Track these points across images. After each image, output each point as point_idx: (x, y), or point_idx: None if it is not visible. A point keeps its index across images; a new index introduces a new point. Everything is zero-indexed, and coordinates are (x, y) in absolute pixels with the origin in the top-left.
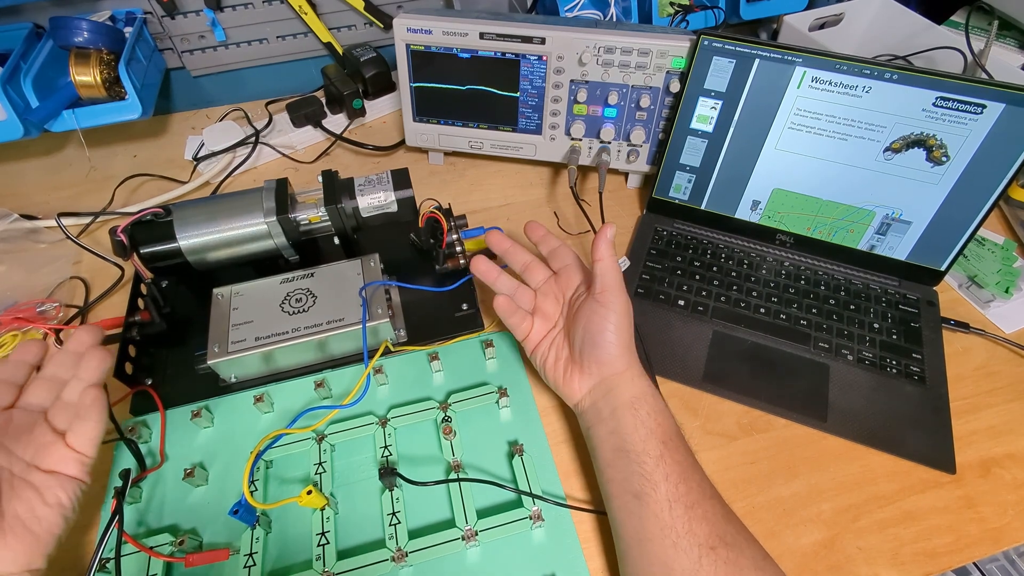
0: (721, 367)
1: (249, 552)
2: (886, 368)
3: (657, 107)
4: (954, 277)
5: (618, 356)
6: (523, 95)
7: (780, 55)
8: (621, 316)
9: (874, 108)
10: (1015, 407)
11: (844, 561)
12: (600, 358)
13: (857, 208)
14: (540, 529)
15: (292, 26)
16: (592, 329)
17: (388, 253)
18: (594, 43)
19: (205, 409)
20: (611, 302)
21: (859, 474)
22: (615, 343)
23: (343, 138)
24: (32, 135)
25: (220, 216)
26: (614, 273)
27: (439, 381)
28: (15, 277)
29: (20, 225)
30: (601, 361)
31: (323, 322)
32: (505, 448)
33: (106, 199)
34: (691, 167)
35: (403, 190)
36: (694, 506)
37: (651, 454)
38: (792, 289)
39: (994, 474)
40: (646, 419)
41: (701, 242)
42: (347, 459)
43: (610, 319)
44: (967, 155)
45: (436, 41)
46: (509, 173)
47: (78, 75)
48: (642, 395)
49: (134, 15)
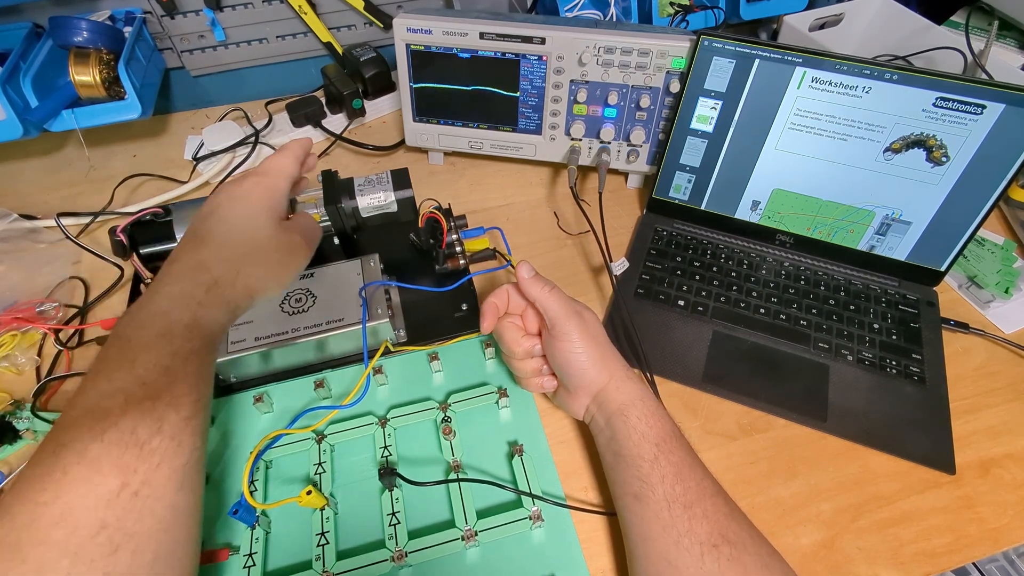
0: (721, 367)
1: (249, 552)
2: (886, 368)
3: (657, 107)
4: (954, 277)
5: (596, 374)
6: (523, 95)
7: (780, 55)
8: (583, 338)
9: (874, 108)
10: (1015, 407)
11: (844, 561)
12: (579, 383)
13: (857, 208)
14: (540, 529)
15: (292, 26)
16: (560, 360)
17: (388, 253)
18: (594, 43)
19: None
20: (566, 331)
21: (859, 474)
22: (587, 365)
23: (343, 138)
24: (31, 135)
25: None
26: (555, 304)
27: (439, 381)
28: (14, 277)
29: (20, 225)
30: (581, 384)
31: (323, 322)
32: (505, 448)
33: (105, 199)
34: (691, 167)
35: (403, 190)
36: (692, 505)
37: (645, 457)
38: (792, 289)
39: (993, 474)
40: (637, 423)
41: (701, 242)
42: (347, 459)
43: (572, 347)
44: (967, 155)
45: (436, 41)
46: (509, 173)
47: (77, 75)
48: (630, 401)
49: (133, 15)
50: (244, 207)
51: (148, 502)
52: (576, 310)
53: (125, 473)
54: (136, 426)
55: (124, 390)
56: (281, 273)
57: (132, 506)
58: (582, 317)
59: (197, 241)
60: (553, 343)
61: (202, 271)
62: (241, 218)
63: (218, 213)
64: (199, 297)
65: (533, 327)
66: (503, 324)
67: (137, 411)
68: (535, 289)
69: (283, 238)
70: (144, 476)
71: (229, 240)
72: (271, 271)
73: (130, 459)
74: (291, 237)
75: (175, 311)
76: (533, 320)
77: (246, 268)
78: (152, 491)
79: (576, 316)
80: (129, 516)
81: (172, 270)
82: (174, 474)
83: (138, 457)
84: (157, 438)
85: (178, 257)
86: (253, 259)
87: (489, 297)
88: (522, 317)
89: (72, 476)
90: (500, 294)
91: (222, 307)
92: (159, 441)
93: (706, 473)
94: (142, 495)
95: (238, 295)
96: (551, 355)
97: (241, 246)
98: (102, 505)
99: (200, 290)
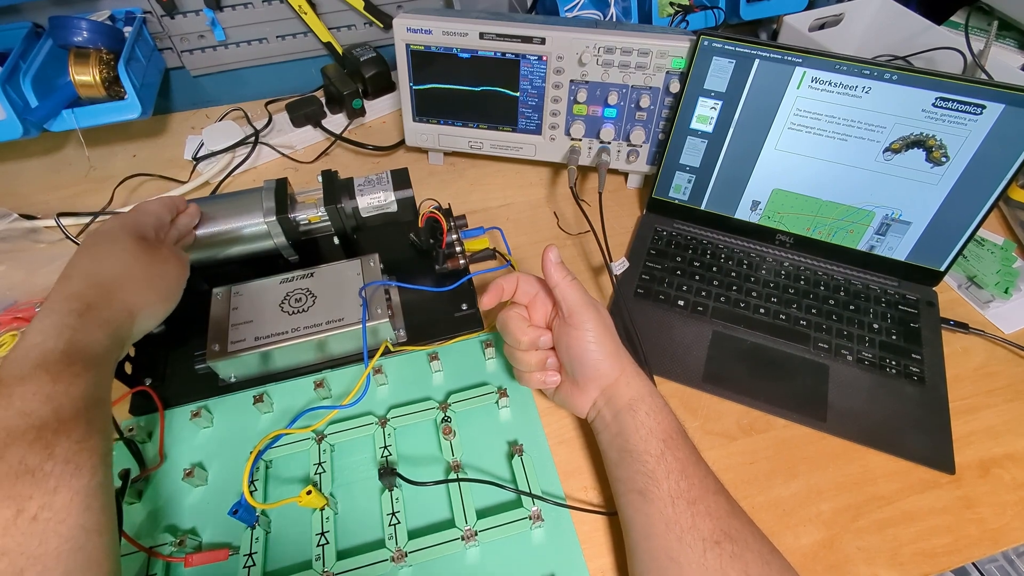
0: (721, 367)
1: (249, 552)
2: (885, 368)
3: (657, 107)
4: (953, 277)
5: (608, 368)
6: (523, 95)
7: (780, 55)
8: (598, 330)
9: (874, 108)
10: (1014, 407)
11: (843, 561)
12: (590, 375)
13: (857, 208)
14: (540, 529)
15: (292, 26)
16: (574, 352)
17: (388, 253)
18: (594, 43)
19: (204, 409)
20: (582, 321)
21: (858, 474)
22: (600, 357)
23: (343, 138)
24: (31, 135)
25: (219, 216)
26: (575, 293)
27: (439, 381)
28: (14, 277)
29: (19, 225)
30: (593, 377)
31: (323, 322)
32: (505, 448)
33: (105, 199)
34: (691, 167)
35: (403, 190)
36: (696, 502)
37: (652, 452)
38: (792, 289)
39: (993, 474)
40: (645, 419)
41: (701, 242)
42: (347, 459)
43: (587, 337)
44: (967, 156)
45: (436, 41)
46: (509, 173)
47: (77, 75)
48: (639, 396)
49: (133, 14)
50: (105, 238)
51: (50, 524)
52: (593, 302)
53: (19, 500)
54: (24, 456)
55: (5, 426)
56: (158, 288)
57: (32, 530)
58: (598, 310)
59: (66, 280)
60: (569, 332)
61: (72, 300)
62: (104, 249)
63: (81, 251)
64: (72, 324)
65: (539, 319)
66: (508, 314)
67: (22, 441)
68: (558, 274)
69: (150, 256)
70: (41, 501)
71: (96, 269)
72: (147, 287)
73: (23, 487)
74: (158, 251)
75: (48, 341)
76: (540, 311)
77: (118, 288)
78: (54, 514)
79: (593, 307)
80: (30, 541)
81: (43, 309)
82: (76, 496)
83: (32, 484)
84: (49, 463)
85: (49, 298)
86: (124, 279)
87: (498, 279)
88: (528, 308)
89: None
90: (510, 280)
91: (101, 328)
92: (52, 466)
93: (709, 471)
94: (41, 519)
95: (117, 314)
96: (565, 346)
97: (108, 270)
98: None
99: (71, 318)
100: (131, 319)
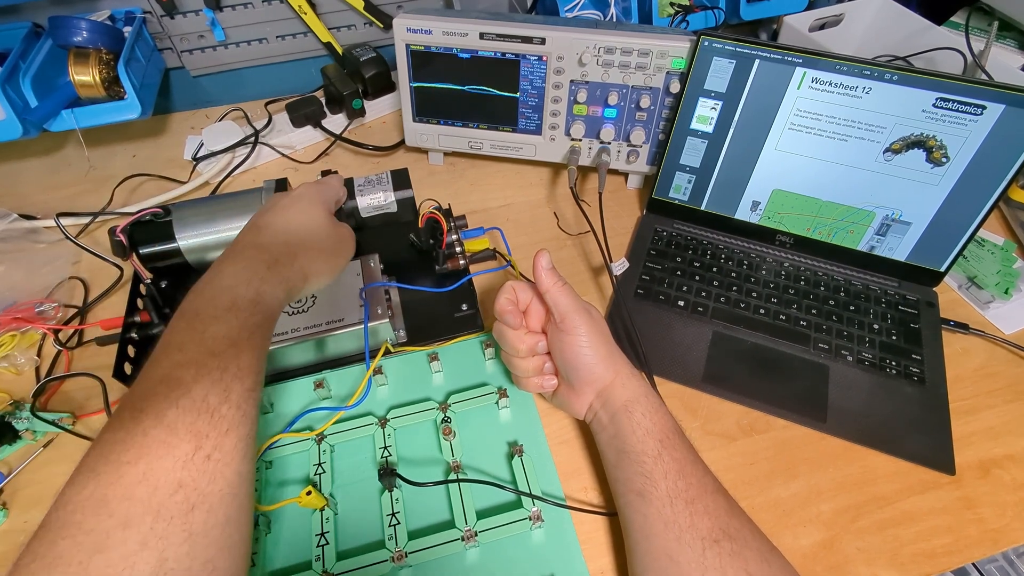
0: (721, 368)
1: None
2: (886, 369)
3: (657, 107)
4: (954, 278)
5: (602, 371)
6: (523, 95)
7: (780, 56)
8: (590, 334)
9: (874, 109)
10: (1014, 408)
11: (843, 561)
12: (585, 378)
13: (857, 209)
14: (540, 530)
15: (292, 26)
16: (568, 356)
17: (388, 253)
18: (594, 43)
19: None
20: (575, 326)
21: (858, 475)
22: (594, 361)
23: (343, 138)
24: (31, 135)
25: (220, 216)
26: (566, 298)
27: (439, 382)
28: (14, 277)
29: (19, 225)
30: (588, 380)
31: (322, 322)
32: (505, 449)
33: (105, 199)
34: (691, 168)
35: (403, 190)
36: (694, 501)
37: (649, 453)
38: (792, 290)
39: (993, 475)
40: (641, 420)
41: (701, 243)
42: (347, 460)
43: (580, 342)
44: (967, 156)
45: (436, 41)
46: (509, 173)
47: (77, 75)
48: (635, 398)
49: (133, 15)
50: (299, 202)
51: (219, 466)
52: (585, 306)
53: (198, 438)
54: (207, 394)
55: (196, 360)
56: (332, 259)
57: (205, 468)
58: (590, 314)
59: (256, 229)
60: (562, 338)
61: (262, 251)
62: (296, 211)
63: (276, 208)
64: (261, 274)
65: (535, 325)
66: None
67: (208, 380)
68: (549, 280)
69: (333, 229)
70: (215, 441)
71: (286, 227)
72: (323, 256)
73: (202, 425)
74: (340, 229)
75: (240, 287)
76: (535, 318)
77: (302, 251)
78: (222, 456)
79: (584, 312)
80: (203, 478)
81: (234, 251)
82: (240, 442)
83: (209, 423)
84: (225, 406)
85: (239, 241)
86: (308, 244)
87: (500, 296)
88: (524, 314)
89: (152, 438)
90: (507, 291)
91: (281, 285)
92: (227, 409)
93: (707, 470)
94: (213, 459)
95: (294, 275)
96: (558, 351)
97: (296, 233)
98: (179, 466)
99: (262, 267)
100: (303, 283)
